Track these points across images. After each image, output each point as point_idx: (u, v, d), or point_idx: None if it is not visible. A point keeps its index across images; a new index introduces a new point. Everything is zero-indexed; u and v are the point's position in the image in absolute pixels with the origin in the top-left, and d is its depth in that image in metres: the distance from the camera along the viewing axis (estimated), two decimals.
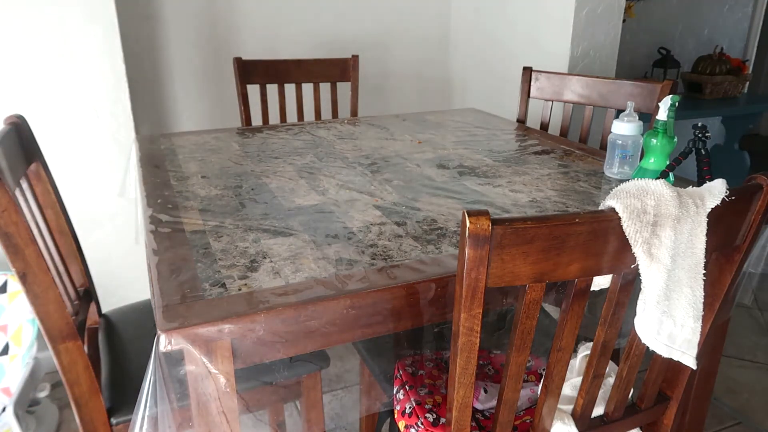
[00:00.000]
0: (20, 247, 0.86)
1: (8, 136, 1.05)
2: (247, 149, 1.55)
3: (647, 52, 3.40)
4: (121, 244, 1.94)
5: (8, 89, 1.72)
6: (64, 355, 0.96)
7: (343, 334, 0.83)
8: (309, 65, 2.13)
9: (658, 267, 0.72)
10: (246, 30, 2.38)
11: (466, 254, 0.63)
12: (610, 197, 0.71)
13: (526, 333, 0.72)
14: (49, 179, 1.21)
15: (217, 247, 0.94)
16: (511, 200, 1.17)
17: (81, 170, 1.86)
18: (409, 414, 1.03)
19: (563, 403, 0.88)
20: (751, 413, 1.84)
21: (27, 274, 0.88)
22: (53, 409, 1.78)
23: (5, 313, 1.62)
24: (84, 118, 1.82)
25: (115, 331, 1.29)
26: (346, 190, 1.23)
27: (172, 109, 2.36)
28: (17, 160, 1.08)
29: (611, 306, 0.77)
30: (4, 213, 0.84)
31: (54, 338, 0.94)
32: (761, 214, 0.80)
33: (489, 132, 1.76)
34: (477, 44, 2.63)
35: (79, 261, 1.29)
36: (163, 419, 0.76)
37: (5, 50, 1.69)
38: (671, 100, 1.17)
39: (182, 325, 0.72)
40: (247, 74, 2.05)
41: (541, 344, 1.17)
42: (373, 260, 0.90)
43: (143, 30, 2.22)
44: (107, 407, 1.05)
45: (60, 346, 0.95)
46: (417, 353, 1.20)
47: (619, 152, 1.29)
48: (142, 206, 1.14)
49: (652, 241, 0.71)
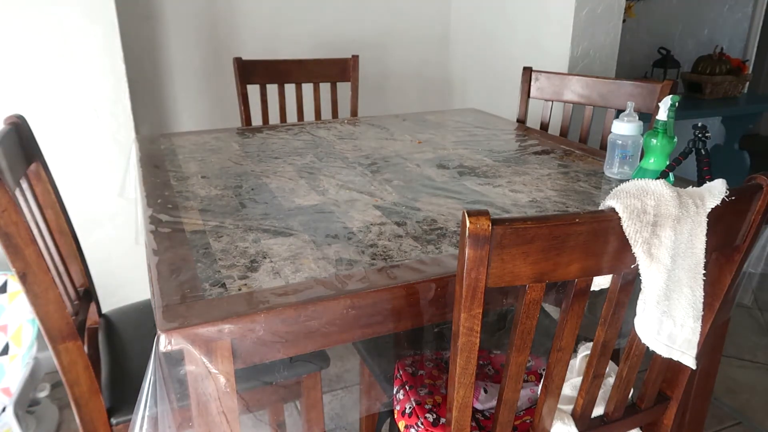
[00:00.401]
0: (20, 247, 0.86)
1: (8, 136, 1.05)
2: (247, 149, 1.55)
3: (647, 52, 3.40)
4: (121, 244, 1.94)
5: (8, 89, 1.72)
6: (64, 355, 0.96)
7: (343, 334, 0.83)
8: (309, 65, 2.13)
9: (658, 267, 0.72)
10: (246, 30, 2.38)
11: (466, 254, 0.63)
12: (610, 197, 0.71)
13: (526, 333, 0.72)
14: (49, 179, 1.21)
15: (217, 247, 0.94)
16: (511, 200, 1.17)
17: (81, 170, 1.86)
18: (409, 414, 1.03)
19: (563, 403, 0.88)
20: (751, 413, 1.84)
21: (27, 274, 0.88)
22: (53, 409, 1.78)
23: (5, 313, 1.61)
24: (84, 118, 1.82)
25: (115, 331, 1.29)
26: (346, 190, 1.23)
27: (172, 109, 2.36)
28: (17, 160, 1.07)
29: (611, 306, 0.77)
30: (4, 213, 0.84)
31: (54, 338, 0.94)
32: (761, 214, 0.80)
33: (489, 132, 1.76)
34: (477, 44, 2.63)
35: (79, 261, 1.29)
36: (163, 419, 0.76)
37: (5, 50, 1.69)
38: (671, 100, 1.17)
39: (182, 325, 0.72)
40: (247, 74, 2.05)
41: (541, 344, 1.17)
42: (373, 260, 0.90)
43: (143, 30, 2.22)
44: (107, 407, 1.05)
45: (60, 346, 0.95)
46: (417, 353, 1.20)
47: (619, 152, 1.29)
48: (142, 206, 1.14)
49: (652, 241, 0.71)
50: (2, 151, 0.97)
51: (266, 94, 2.08)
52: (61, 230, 1.24)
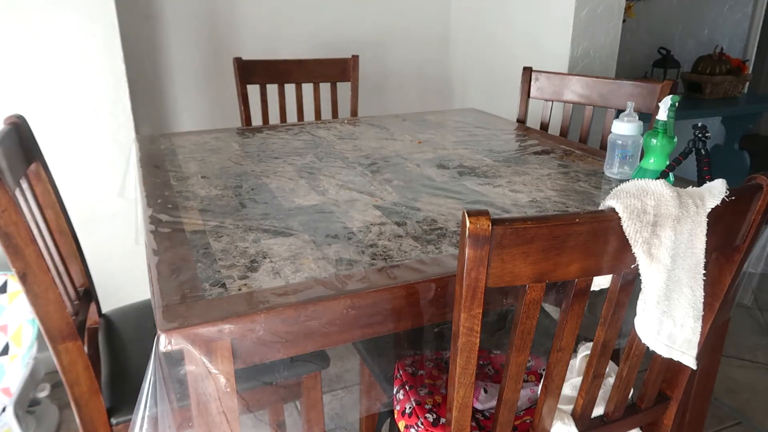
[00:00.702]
0: (20, 247, 0.86)
1: (8, 136, 1.05)
2: (247, 149, 1.55)
3: (647, 52, 3.40)
4: (121, 244, 1.94)
5: (8, 89, 1.72)
6: (64, 355, 0.96)
7: (343, 334, 0.83)
8: (309, 65, 2.13)
9: (658, 267, 0.72)
10: (246, 30, 2.38)
11: (466, 254, 0.63)
12: (610, 197, 0.71)
13: (526, 333, 0.72)
14: (49, 179, 1.21)
15: (217, 247, 0.94)
16: (511, 200, 1.17)
17: (81, 170, 1.86)
18: (409, 414, 1.03)
19: (563, 403, 0.88)
20: (751, 413, 1.84)
21: (27, 274, 0.88)
22: (53, 409, 1.79)
23: (5, 313, 1.61)
24: (84, 118, 1.82)
25: (115, 331, 1.29)
26: (346, 190, 1.23)
27: (172, 109, 2.36)
28: (17, 160, 1.07)
29: (611, 306, 0.77)
30: (4, 213, 0.84)
31: (54, 338, 0.94)
32: (761, 214, 0.80)
33: (489, 132, 1.76)
34: (477, 44, 2.63)
35: (79, 261, 1.29)
36: (163, 419, 0.76)
37: (5, 50, 1.69)
38: (671, 100, 1.17)
39: (182, 325, 0.72)
40: (247, 74, 2.05)
41: (541, 344, 1.17)
42: (373, 260, 0.90)
43: (143, 30, 2.22)
44: (107, 407, 1.05)
45: (60, 346, 0.95)
46: (417, 353, 1.20)
47: (619, 152, 1.29)
48: (142, 206, 1.14)
49: (652, 241, 0.71)
50: (2, 151, 0.97)
51: (266, 94, 2.08)
52: (61, 230, 1.24)
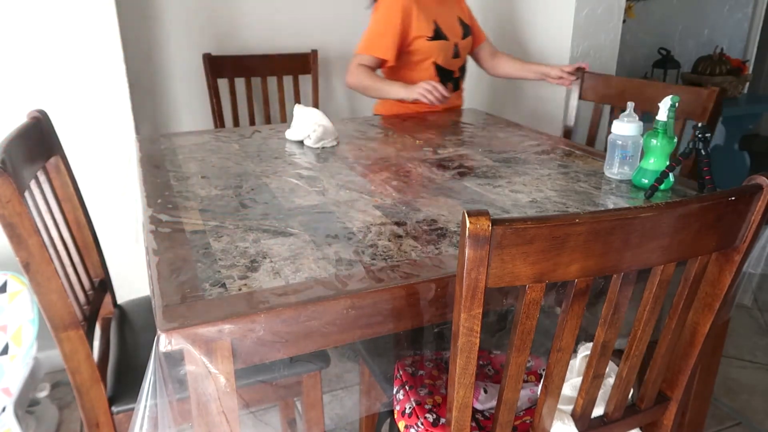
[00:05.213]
0: (23, 237, 0.88)
1: (27, 130, 1.08)
2: (247, 149, 1.55)
3: (647, 52, 3.40)
4: (121, 243, 1.94)
5: (8, 89, 1.72)
6: (66, 343, 0.97)
7: (343, 334, 0.83)
8: (273, 60, 2.36)
9: None
10: (246, 30, 2.39)
11: (466, 254, 0.63)
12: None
13: (526, 333, 0.72)
14: (68, 173, 1.24)
15: (217, 247, 0.94)
16: (511, 200, 1.17)
17: (80, 170, 1.85)
18: (409, 414, 1.03)
19: (563, 403, 0.88)
20: (751, 413, 1.84)
21: (30, 263, 0.90)
22: (53, 409, 1.79)
23: (5, 313, 1.61)
24: (84, 118, 1.82)
25: (127, 321, 1.31)
26: (346, 190, 1.23)
27: (172, 109, 2.36)
28: (35, 153, 1.10)
29: (611, 306, 0.77)
30: (8, 204, 0.85)
31: (56, 327, 0.96)
32: (761, 215, 0.80)
33: (489, 132, 1.76)
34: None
35: (96, 252, 1.31)
36: (163, 417, 0.77)
37: (5, 50, 1.69)
38: (671, 101, 1.17)
39: (182, 325, 0.72)
40: (217, 69, 2.28)
41: (541, 344, 1.17)
42: (373, 260, 0.90)
43: (143, 30, 2.22)
44: (110, 396, 1.06)
45: (62, 335, 0.96)
46: (417, 353, 1.20)
47: (620, 152, 1.28)
48: (142, 206, 1.14)
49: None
50: (18, 144, 0.99)
51: (234, 86, 2.30)
52: (78, 222, 1.27)
